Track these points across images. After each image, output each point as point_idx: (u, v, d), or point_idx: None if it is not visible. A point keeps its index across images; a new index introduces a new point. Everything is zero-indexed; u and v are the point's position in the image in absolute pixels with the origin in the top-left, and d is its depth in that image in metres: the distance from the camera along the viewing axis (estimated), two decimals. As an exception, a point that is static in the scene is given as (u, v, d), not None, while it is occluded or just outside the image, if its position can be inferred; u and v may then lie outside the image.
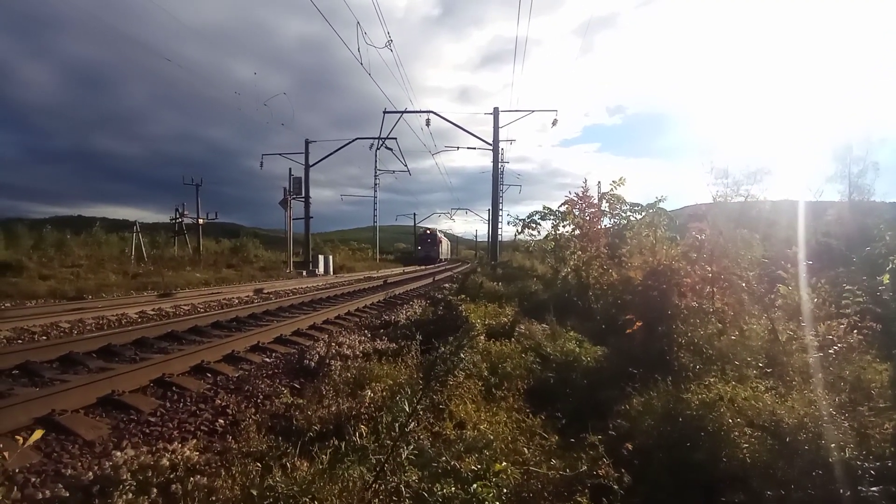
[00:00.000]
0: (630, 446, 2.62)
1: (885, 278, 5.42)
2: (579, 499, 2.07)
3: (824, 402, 3.44)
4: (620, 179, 10.39)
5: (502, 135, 24.14)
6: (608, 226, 10.96)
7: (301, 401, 4.26)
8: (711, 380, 3.62)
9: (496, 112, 23.59)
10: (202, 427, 4.18)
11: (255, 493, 2.06)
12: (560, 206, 10.98)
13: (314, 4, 10.36)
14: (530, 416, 3.30)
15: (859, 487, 2.48)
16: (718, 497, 2.70)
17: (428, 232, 69.47)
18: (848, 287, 5.06)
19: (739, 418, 3.03)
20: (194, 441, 3.64)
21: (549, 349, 5.19)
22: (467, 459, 2.12)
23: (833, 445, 2.91)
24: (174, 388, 5.18)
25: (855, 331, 4.70)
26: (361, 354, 6.05)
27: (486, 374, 4.41)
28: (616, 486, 2.25)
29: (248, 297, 13.84)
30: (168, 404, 4.74)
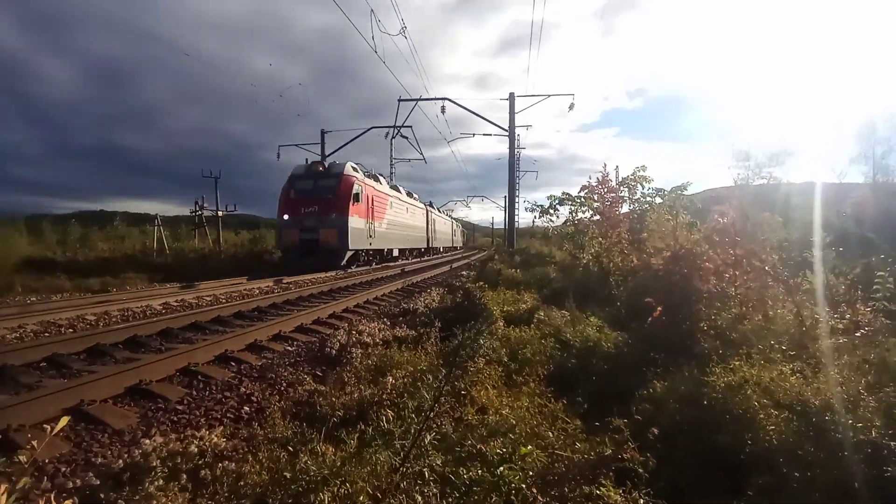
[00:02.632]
0: (656, 430, 2.61)
1: None
2: (604, 482, 2.08)
3: (851, 383, 3.39)
4: (642, 167, 10.25)
5: (519, 120, 23.97)
6: (627, 211, 10.86)
7: (323, 388, 4.32)
8: (737, 363, 3.58)
9: (512, 97, 23.40)
10: (228, 414, 4.25)
11: (287, 475, 2.10)
12: (580, 191, 10.89)
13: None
14: (552, 400, 3.30)
15: (885, 468, 2.45)
16: (744, 479, 2.68)
17: (319, 169, 22.16)
18: (879, 273, 4.95)
19: (766, 400, 3.00)
20: (221, 428, 3.69)
21: (568, 335, 5.17)
22: (492, 443, 2.13)
23: (859, 426, 2.87)
24: (200, 377, 5.27)
25: (882, 314, 4.62)
26: (381, 342, 6.10)
27: (505, 360, 4.42)
28: (641, 470, 2.24)
29: (268, 287, 13.99)
30: (195, 392, 4.82)
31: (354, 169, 22.23)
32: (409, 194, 35.04)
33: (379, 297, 12.33)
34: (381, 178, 26.90)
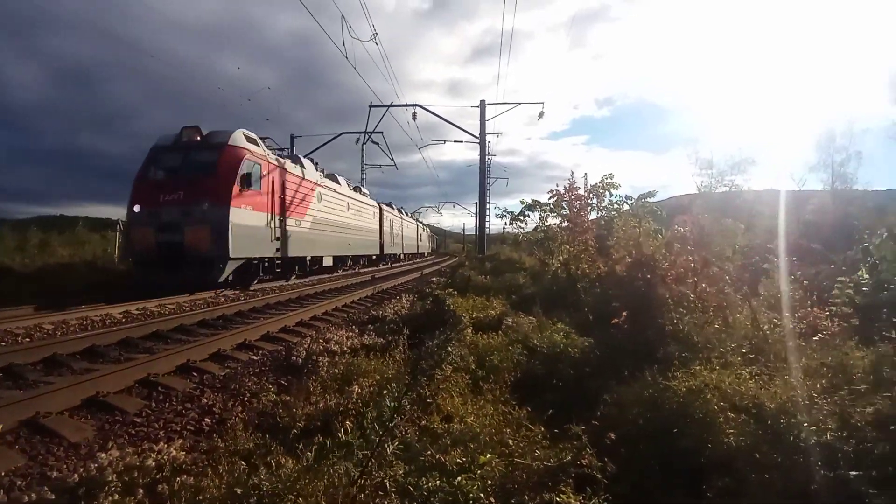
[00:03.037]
0: (613, 435, 2.65)
1: (863, 272, 5.54)
2: (563, 489, 2.09)
3: (805, 387, 3.50)
4: (610, 175, 10.45)
5: (490, 128, 24.14)
6: (595, 218, 11.04)
7: (288, 398, 4.26)
8: (697, 367, 3.66)
9: (483, 105, 23.55)
10: (188, 427, 4.18)
11: (239, 491, 2.05)
12: (549, 198, 11.03)
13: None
14: (517, 407, 3.32)
15: (839, 471, 2.53)
16: (705, 482, 2.73)
17: (196, 138, 14.36)
18: (840, 279, 5.14)
19: (724, 403, 3.07)
20: (180, 441, 3.63)
21: (536, 341, 5.21)
22: (452, 453, 2.12)
23: (813, 429, 2.96)
24: (160, 388, 5.15)
25: (837, 319, 4.79)
26: (349, 350, 6.04)
27: (473, 367, 4.43)
28: (599, 476, 2.27)
29: (234, 294, 13.72)
30: (154, 404, 4.72)
31: (251, 140, 15.16)
32: (358, 189, 28.80)
33: (348, 304, 12.23)
34: (307, 162, 20.55)
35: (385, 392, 2.55)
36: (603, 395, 3.75)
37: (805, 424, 2.98)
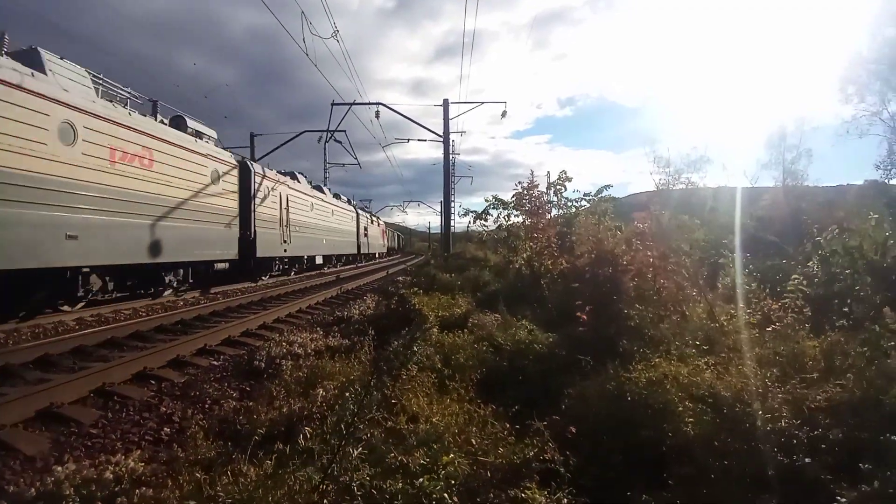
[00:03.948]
0: (574, 430, 2.70)
1: (815, 266, 5.80)
2: (528, 484, 2.12)
3: (758, 375, 3.64)
4: (563, 171, 10.62)
5: (454, 127, 24.19)
6: (556, 215, 11.20)
7: (251, 403, 4.17)
8: (657, 360, 3.76)
9: (446, 104, 23.56)
10: (147, 437, 4.05)
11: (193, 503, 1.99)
12: (511, 196, 11.14)
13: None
14: (482, 405, 3.33)
15: (794, 457, 2.62)
16: (667, 471, 2.80)
17: None
18: (795, 276, 5.36)
19: (682, 393, 3.16)
20: (139, 452, 3.55)
21: (501, 339, 5.25)
22: (416, 454, 2.12)
23: (768, 417, 3.08)
24: (116, 398, 4.98)
25: (790, 310, 4.99)
26: (314, 352, 5.96)
27: (439, 366, 4.43)
28: (562, 470, 2.30)
29: (194, 298, 13.34)
30: (110, 415, 4.56)
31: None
32: (338, 196, 31.64)
33: (313, 305, 12.06)
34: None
35: (349, 395, 2.52)
36: (567, 390, 3.81)
37: (760, 412, 3.09)
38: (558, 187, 10.74)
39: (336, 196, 32.52)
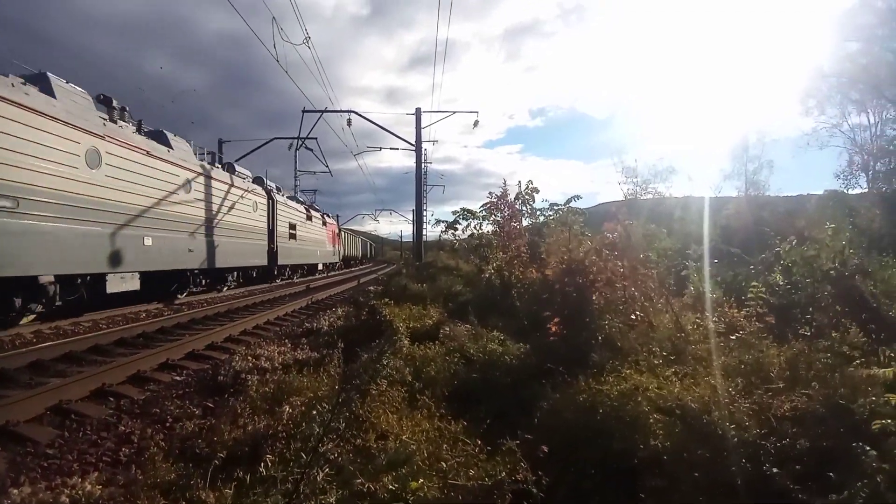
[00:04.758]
0: (546, 449, 2.67)
1: (778, 276, 5.95)
2: (500, 507, 2.08)
3: (723, 386, 3.68)
4: (529, 182, 10.73)
5: (426, 135, 24.26)
6: (527, 225, 11.29)
7: (214, 421, 4.03)
8: (627, 371, 3.78)
9: (418, 113, 23.55)
10: (104, 458, 3.91)
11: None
12: (481, 206, 11.18)
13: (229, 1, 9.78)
14: (453, 421, 3.28)
15: (763, 467, 2.65)
16: (638, 483, 2.80)
17: None
18: (755, 284, 5.49)
19: (653, 405, 3.17)
20: (96, 474, 3.42)
21: (472, 350, 5.22)
22: (384, 479, 2.05)
23: (734, 427, 3.11)
24: (73, 416, 4.79)
25: (754, 319, 5.10)
26: (281, 366, 5.81)
27: (409, 379, 4.36)
28: (535, 490, 2.27)
29: (157, 309, 12.94)
30: (67, 434, 4.39)
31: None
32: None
33: (282, 316, 11.83)
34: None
35: (316, 412, 2.44)
36: (539, 402, 3.79)
37: (727, 424, 3.12)
38: (526, 197, 10.83)
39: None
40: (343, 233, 45.97)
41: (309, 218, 29.27)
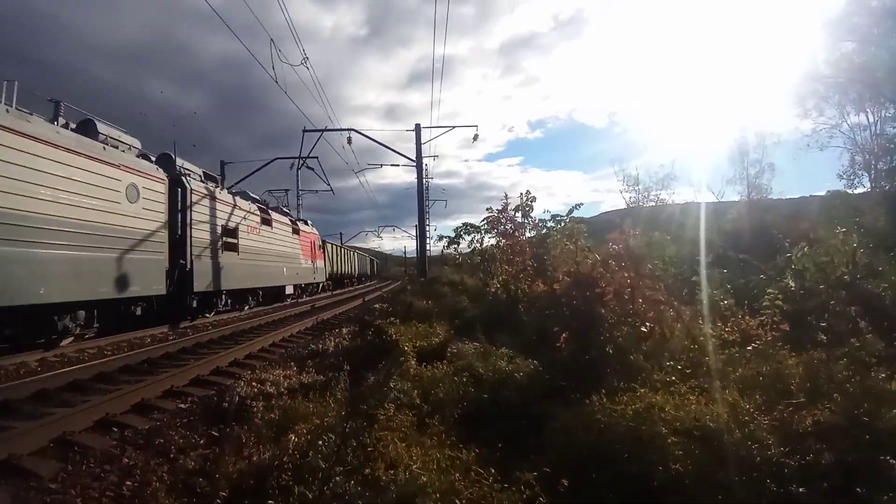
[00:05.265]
0: (566, 482, 2.56)
1: (790, 281, 5.83)
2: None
3: (742, 402, 3.57)
4: (527, 193, 10.68)
5: (427, 151, 24.29)
6: (529, 237, 11.21)
7: (219, 451, 3.93)
8: (642, 390, 3.66)
9: (418, 128, 23.63)
10: (107, 492, 3.78)
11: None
12: (483, 220, 11.13)
13: (225, 22, 9.87)
14: (464, 448, 3.17)
15: (789, 487, 2.54)
16: (659, 505, 2.69)
17: None
18: (770, 291, 5.38)
19: (669, 426, 3.07)
20: None
21: (481, 369, 5.11)
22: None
23: (756, 446, 2.99)
24: (77, 448, 4.66)
25: (769, 328, 4.98)
26: (287, 391, 5.71)
27: (417, 402, 4.25)
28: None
29: (161, 334, 12.86)
30: (70, 467, 4.26)
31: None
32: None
33: (287, 338, 11.73)
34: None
35: (322, 442, 2.35)
36: (550, 422, 3.68)
37: (749, 443, 3.01)
38: (526, 208, 10.77)
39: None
40: (331, 246, 38.61)
41: (267, 222, 20.93)
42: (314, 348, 9.03)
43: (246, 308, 19.44)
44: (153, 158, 13.65)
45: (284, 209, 27.01)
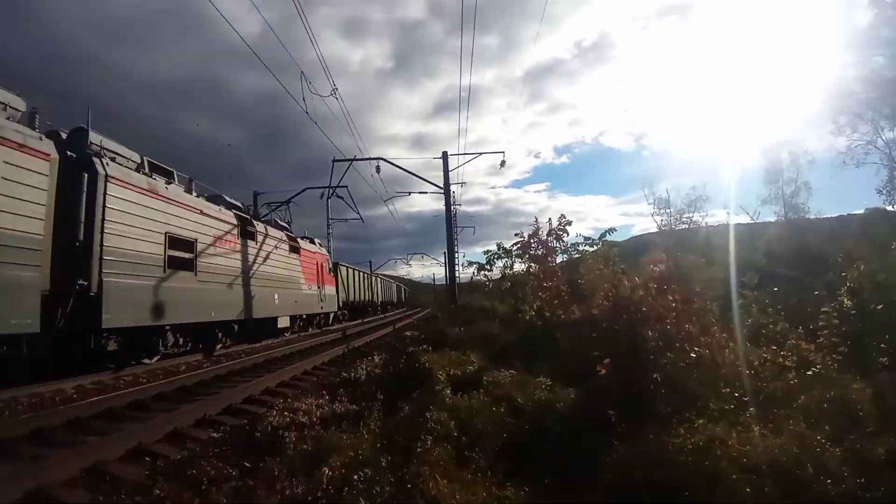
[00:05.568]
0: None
1: (846, 301, 5.50)
2: None
3: (812, 433, 3.29)
4: (562, 217, 10.48)
5: (454, 178, 24.36)
6: (561, 262, 10.96)
7: (252, 483, 3.80)
8: (700, 422, 3.39)
9: (445, 156, 23.79)
10: (138, 526, 3.69)
11: None
12: (513, 244, 10.96)
13: (259, 58, 10.17)
14: (508, 484, 2.96)
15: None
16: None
17: None
18: (825, 310, 5.06)
19: (735, 462, 2.81)
20: None
21: (520, 399, 4.88)
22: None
23: (830, 481, 2.74)
24: (108, 478, 4.60)
25: (826, 350, 4.66)
26: (319, 420, 5.57)
27: (455, 433, 4.04)
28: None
29: (196, 361, 12.96)
30: (101, 498, 4.21)
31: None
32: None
33: (318, 366, 11.68)
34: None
35: (357, 477, 2.19)
36: (600, 456, 3.44)
37: (822, 477, 2.75)
38: (559, 232, 10.55)
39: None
40: (346, 270, 33.08)
41: (248, 235, 16.21)
42: (346, 376, 8.89)
43: (219, 347, 14.77)
44: (41, 131, 9.14)
45: (281, 222, 22.49)
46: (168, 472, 4.78)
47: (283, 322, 18.92)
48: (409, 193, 27.97)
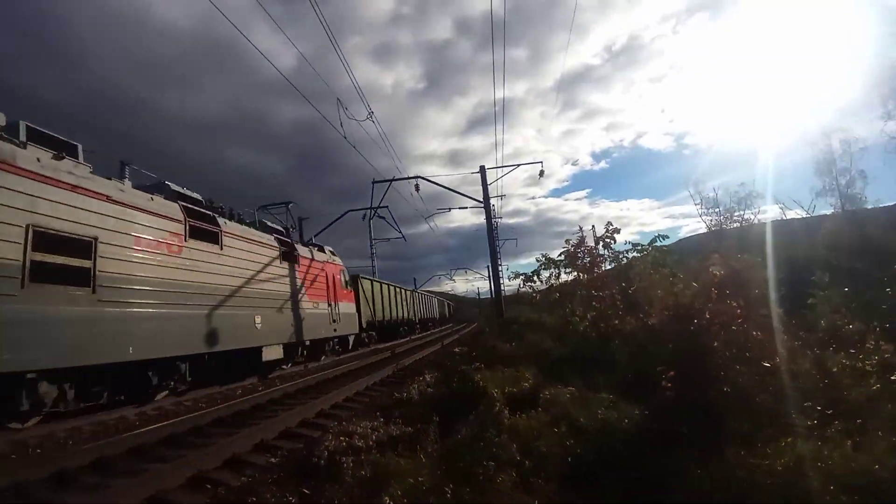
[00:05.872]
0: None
1: None
2: None
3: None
4: (609, 224, 10.19)
5: (493, 191, 24.26)
6: (610, 269, 10.65)
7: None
8: (788, 440, 3.13)
9: (483, 170, 23.75)
10: (200, 559, 3.68)
11: None
12: (559, 255, 10.73)
13: (297, 88, 10.46)
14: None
15: None
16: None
17: None
18: None
19: (833, 481, 2.56)
20: None
21: (582, 417, 4.67)
22: None
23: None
24: (169, 508, 4.67)
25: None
26: (375, 444, 5.50)
27: (517, 457, 3.88)
28: None
29: (251, 384, 13.20)
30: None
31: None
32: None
33: (370, 386, 11.67)
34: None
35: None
36: (674, 479, 3.22)
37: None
38: (607, 240, 10.26)
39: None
40: (370, 284, 27.70)
41: (206, 235, 11.82)
42: (398, 397, 8.83)
43: (161, 396, 10.68)
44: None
45: (275, 225, 17.44)
46: (228, 500, 4.80)
47: (272, 353, 14.25)
48: (449, 209, 28.11)
